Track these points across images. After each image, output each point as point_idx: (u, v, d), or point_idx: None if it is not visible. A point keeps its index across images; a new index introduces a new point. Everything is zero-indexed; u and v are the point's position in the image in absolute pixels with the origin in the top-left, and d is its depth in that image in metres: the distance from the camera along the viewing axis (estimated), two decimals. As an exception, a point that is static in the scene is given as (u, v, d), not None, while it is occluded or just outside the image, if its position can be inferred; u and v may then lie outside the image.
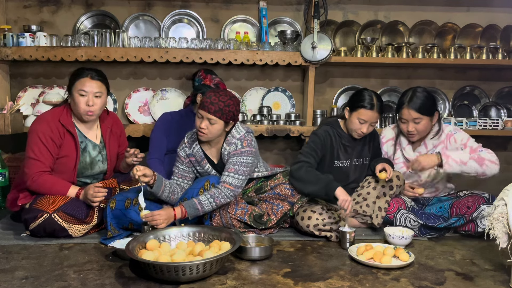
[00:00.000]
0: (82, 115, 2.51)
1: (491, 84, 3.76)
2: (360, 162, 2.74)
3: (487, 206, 2.42)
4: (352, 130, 2.63)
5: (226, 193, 2.37)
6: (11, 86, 3.47)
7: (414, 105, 2.53)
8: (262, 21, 3.42)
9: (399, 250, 2.15)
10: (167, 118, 2.92)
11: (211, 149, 2.54)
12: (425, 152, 2.62)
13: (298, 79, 3.64)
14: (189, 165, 2.57)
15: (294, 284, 1.87)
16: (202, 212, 2.34)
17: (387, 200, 2.54)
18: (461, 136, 2.61)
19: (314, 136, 2.68)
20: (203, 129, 2.38)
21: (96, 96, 2.49)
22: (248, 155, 2.44)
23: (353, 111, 2.60)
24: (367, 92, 2.60)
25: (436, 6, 3.65)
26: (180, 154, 2.56)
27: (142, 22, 3.53)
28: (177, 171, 2.58)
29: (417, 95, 2.55)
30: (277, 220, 2.50)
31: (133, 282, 1.86)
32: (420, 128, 2.55)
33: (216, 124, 2.38)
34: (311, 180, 2.45)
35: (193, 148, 2.53)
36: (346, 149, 2.70)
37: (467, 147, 2.57)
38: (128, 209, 2.40)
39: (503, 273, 2.01)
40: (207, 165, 2.53)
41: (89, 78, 2.48)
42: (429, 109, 2.55)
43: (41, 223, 2.33)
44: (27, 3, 3.46)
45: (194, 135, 2.54)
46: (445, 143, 2.62)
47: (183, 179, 2.57)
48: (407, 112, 2.55)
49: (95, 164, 2.62)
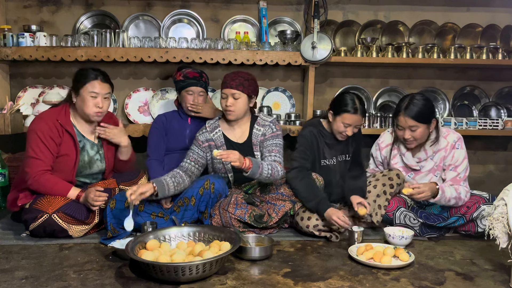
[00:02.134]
0: (91, 116, 2.54)
1: (491, 84, 3.76)
2: (343, 158, 2.77)
3: (487, 206, 2.42)
4: (337, 132, 2.65)
5: (279, 169, 2.50)
6: (11, 86, 3.47)
7: (410, 113, 2.49)
8: (262, 21, 3.42)
9: (399, 250, 2.15)
10: (161, 119, 2.92)
11: (234, 131, 2.66)
12: (425, 159, 2.60)
13: (298, 79, 3.64)
14: (205, 150, 2.65)
15: (294, 284, 1.87)
16: (259, 174, 2.41)
17: (387, 198, 2.54)
18: (460, 154, 2.54)
19: (301, 138, 2.69)
20: (230, 106, 2.54)
21: (105, 97, 2.55)
22: (281, 139, 2.65)
23: (337, 115, 2.60)
24: (349, 96, 2.60)
25: (436, 6, 3.65)
26: (199, 138, 2.66)
27: (142, 22, 3.53)
28: (191, 154, 2.64)
29: (414, 103, 2.50)
30: (278, 218, 2.50)
31: (133, 282, 1.86)
32: (416, 135, 2.52)
33: (240, 99, 2.55)
34: (303, 194, 2.50)
35: (214, 133, 2.64)
36: (330, 147, 2.72)
37: (456, 171, 2.53)
38: (128, 209, 2.40)
39: (503, 273, 2.01)
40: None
41: (100, 80, 2.53)
42: (426, 117, 2.50)
43: (41, 223, 2.33)
44: (27, 3, 3.46)
45: (216, 122, 2.68)
46: (446, 152, 2.57)
47: (195, 163, 2.63)
48: (404, 120, 2.52)
49: (93, 163, 2.62)
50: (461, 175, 2.54)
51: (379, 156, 2.76)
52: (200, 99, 2.85)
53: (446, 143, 2.58)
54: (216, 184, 2.52)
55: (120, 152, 2.70)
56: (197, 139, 2.67)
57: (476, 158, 3.83)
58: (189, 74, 2.83)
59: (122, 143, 2.66)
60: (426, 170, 2.60)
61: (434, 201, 2.49)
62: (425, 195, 2.44)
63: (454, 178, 2.54)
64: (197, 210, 2.53)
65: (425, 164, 2.60)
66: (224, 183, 2.58)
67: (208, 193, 2.49)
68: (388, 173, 2.59)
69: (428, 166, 2.60)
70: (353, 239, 2.33)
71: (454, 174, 2.54)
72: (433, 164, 2.59)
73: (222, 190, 2.55)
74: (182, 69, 2.90)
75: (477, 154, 3.83)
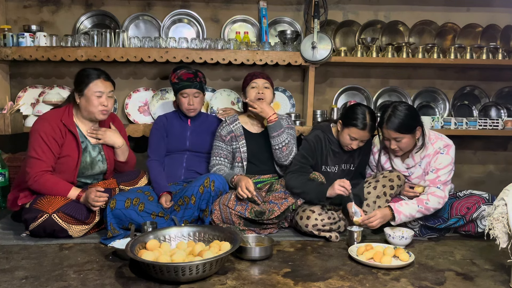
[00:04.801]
0: (97, 114, 2.56)
1: (491, 84, 3.76)
2: (347, 167, 2.75)
3: (487, 206, 2.42)
4: (342, 143, 2.63)
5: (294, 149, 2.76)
6: (11, 86, 3.47)
7: (392, 125, 2.44)
8: (262, 21, 3.42)
9: (399, 250, 2.15)
10: (162, 120, 2.91)
11: (253, 124, 2.85)
12: (413, 165, 2.57)
13: (298, 79, 3.63)
14: (229, 143, 2.78)
15: (294, 284, 1.87)
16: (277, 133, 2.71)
17: (387, 199, 2.54)
18: (443, 160, 2.50)
19: (305, 142, 2.69)
20: (262, 93, 2.74)
21: (109, 96, 2.58)
22: (295, 130, 2.89)
23: (345, 127, 2.57)
24: (361, 110, 2.54)
25: (436, 6, 3.65)
26: (222, 133, 2.79)
27: (142, 22, 3.53)
28: (220, 152, 2.78)
29: (396, 114, 2.44)
30: (280, 212, 2.50)
31: (133, 282, 1.86)
32: (402, 145, 2.49)
33: (269, 89, 2.79)
34: (300, 189, 2.52)
35: (234, 125, 2.80)
36: (335, 155, 2.70)
37: (436, 174, 2.49)
38: (128, 209, 2.40)
39: (503, 273, 2.01)
40: (242, 141, 2.77)
41: (103, 79, 2.56)
42: (409, 128, 2.45)
43: (41, 223, 2.33)
44: (27, 3, 3.45)
45: (235, 116, 2.86)
46: (430, 158, 2.54)
47: (224, 158, 2.77)
48: (387, 132, 2.48)
49: (95, 164, 2.63)
50: (441, 178, 2.48)
51: (373, 160, 2.75)
52: (196, 100, 2.83)
53: (432, 150, 2.54)
54: (216, 182, 2.52)
55: (116, 154, 2.70)
56: (220, 134, 2.79)
57: (476, 158, 3.83)
58: (183, 76, 2.81)
59: (116, 145, 2.67)
60: (415, 176, 2.59)
61: (396, 223, 2.43)
62: (377, 223, 2.39)
63: (433, 179, 2.49)
64: (197, 208, 2.52)
65: (414, 170, 2.59)
66: (224, 181, 2.59)
67: (208, 191, 2.50)
68: (388, 174, 2.58)
69: (417, 172, 2.58)
70: (352, 239, 2.33)
71: (434, 176, 2.49)
72: (422, 171, 2.58)
73: (222, 188, 2.56)
74: (176, 70, 2.89)
75: (477, 154, 3.83)
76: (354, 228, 2.35)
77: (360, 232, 2.34)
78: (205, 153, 2.90)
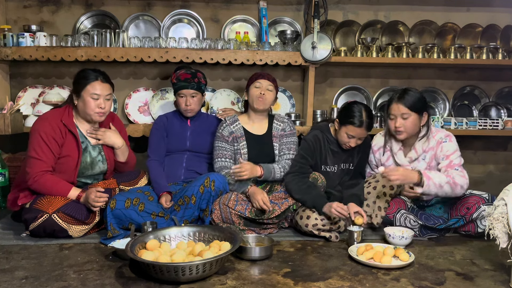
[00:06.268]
0: (93, 116, 2.54)
1: (491, 84, 3.76)
2: (347, 167, 2.75)
3: (487, 206, 2.42)
4: (341, 142, 2.65)
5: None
6: (11, 86, 3.47)
7: (403, 100, 2.52)
8: (262, 21, 3.42)
9: (399, 250, 2.15)
10: (162, 120, 2.91)
11: (253, 125, 2.82)
12: (416, 158, 2.59)
13: (298, 79, 3.64)
14: (231, 143, 2.76)
15: (294, 284, 1.87)
16: (272, 178, 2.67)
17: (387, 199, 2.54)
18: (449, 147, 2.55)
19: (304, 143, 2.70)
20: (263, 94, 2.72)
21: (106, 98, 2.55)
22: (297, 137, 2.85)
23: (342, 125, 2.60)
24: (357, 108, 2.57)
25: (436, 6, 3.65)
26: (224, 134, 2.77)
27: (142, 22, 3.53)
28: (225, 153, 2.75)
29: (409, 93, 2.54)
30: (280, 212, 2.51)
31: (133, 282, 1.86)
32: (407, 124, 2.52)
33: (272, 92, 2.76)
34: (299, 196, 2.52)
35: (234, 126, 2.78)
36: (334, 154, 2.71)
37: (448, 159, 2.53)
38: (128, 209, 2.40)
39: (503, 273, 2.01)
40: (243, 142, 2.74)
41: (100, 81, 2.54)
42: (418, 107, 2.52)
43: (41, 223, 2.33)
44: (27, 3, 3.46)
45: (235, 117, 2.84)
46: (434, 150, 2.57)
47: (230, 159, 2.75)
48: (396, 107, 2.53)
49: (95, 164, 2.62)
50: (455, 162, 2.52)
51: (373, 159, 2.76)
52: (193, 101, 2.82)
53: (435, 142, 2.58)
54: (216, 182, 2.52)
55: (115, 154, 2.70)
56: (222, 135, 2.77)
57: (476, 158, 3.83)
58: (181, 77, 2.81)
59: (116, 145, 2.66)
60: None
61: (423, 190, 2.41)
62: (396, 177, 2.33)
63: (448, 164, 2.52)
64: (198, 208, 2.52)
65: (418, 164, 2.59)
66: (224, 181, 2.59)
67: (208, 191, 2.50)
68: (388, 174, 2.59)
69: (420, 166, 2.58)
70: (352, 239, 2.33)
71: (447, 161, 2.53)
72: (426, 164, 2.58)
73: (222, 188, 2.56)
74: (177, 70, 2.90)
75: (477, 154, 3.83)
76: (354, 228, 2.35)
77: (360, 232, 2.34)
78: (205, 153, 2.90)
